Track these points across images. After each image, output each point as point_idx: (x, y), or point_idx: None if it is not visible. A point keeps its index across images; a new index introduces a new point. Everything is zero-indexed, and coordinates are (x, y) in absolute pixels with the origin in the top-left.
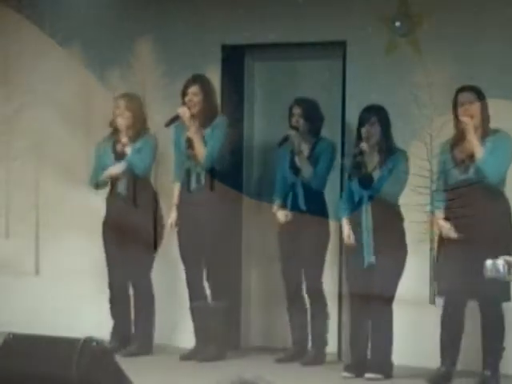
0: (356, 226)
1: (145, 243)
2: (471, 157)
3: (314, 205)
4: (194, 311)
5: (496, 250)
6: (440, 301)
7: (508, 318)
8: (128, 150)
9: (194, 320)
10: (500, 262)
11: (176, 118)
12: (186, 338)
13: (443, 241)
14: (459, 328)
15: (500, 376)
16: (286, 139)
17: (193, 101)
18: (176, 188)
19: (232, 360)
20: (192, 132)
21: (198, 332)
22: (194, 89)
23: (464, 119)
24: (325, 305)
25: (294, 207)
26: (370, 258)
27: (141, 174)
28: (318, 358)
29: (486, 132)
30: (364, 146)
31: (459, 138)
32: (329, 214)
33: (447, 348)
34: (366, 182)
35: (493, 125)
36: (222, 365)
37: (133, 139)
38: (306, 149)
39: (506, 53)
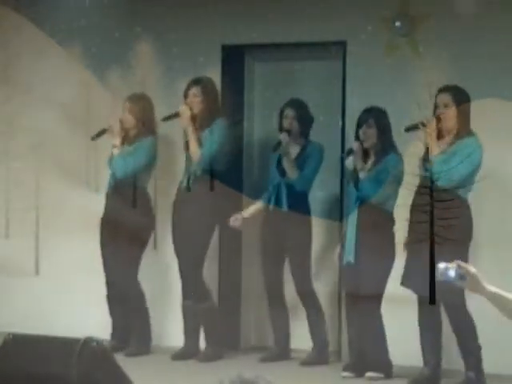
0: (345, 227)
1: (132, 243)
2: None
3: (297, 205)
4: (185, 311)
5: (453, 252)
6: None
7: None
8: (115, 152)
9: (185, 319)
10: (452, 265)
11: (175, 115)
12: (181, 338)
13: (409, 240)
14: (437, 328)
15: (484, 376)
16: (279, 144)
17: (193, 102)
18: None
19: (232, 360)
20: (189, 132)
21: (188, 332)
22: (194, 90)
23: (425, 121)
24: (318, 304)
25: (277, 207)
26: (349, 257)
27: (121, 177)
28: (320, 358)
29: (460, 134)
30: (355, 145)
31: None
32: (311, 215)
33: (428, 349)
34: (357, 183)
35: (491, 125)
36: (222, 365)
37: (132, 141)
38: (295, 151)
39: (504, 53)
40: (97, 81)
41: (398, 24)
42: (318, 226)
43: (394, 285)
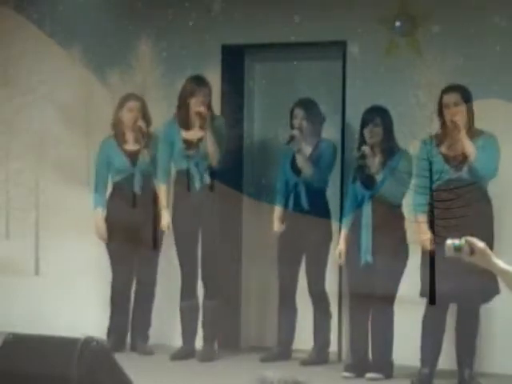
0: (356, 226)
1: (149, 243)
2: (463, 156)
3: (316, 204)
4: (184, 311)
5: None
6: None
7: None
8: (146, 154)
9: (183, 320)
10: (461, 241)
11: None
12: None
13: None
14: (441, 330)
15: (474, 373)
16: (292, 138)
17: (204, 101)
18: (162, 190)
19: (232, 360)
20: (208, 133)
21: (186, 332)
22: (204, 89)
23: (456, 119)
24: (328, 305)
25: (296, 207)
26: (366, 257)
27: (156, 177)
28: (320, 358)
29: (471, 132)
30: (366, 149)
31: (447, 137)
32: (331, 213)
33: (429, 349)
34: (369, 183)
35: (490, 125)
36: (222, 365)
37: (141, 141)
38: (307, 150)
39: (505, 53)
40: (97, 81)
41: (398, 24)
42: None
43: None
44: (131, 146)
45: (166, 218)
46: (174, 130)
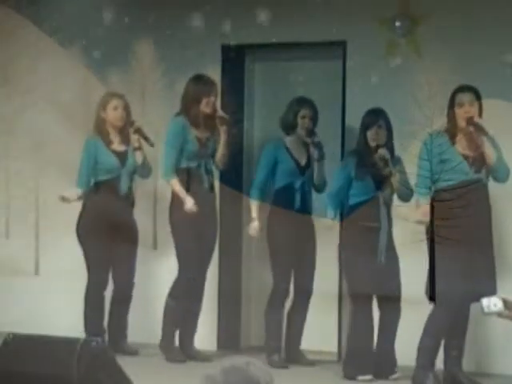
0: (369, 226)
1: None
2: (482, 157)
3: (317, 205)
4: (169, 307)
5: (482, 250)
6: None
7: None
8: (139, 154)
9: (166, 315)
10: (495, 298)
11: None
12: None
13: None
14: (463, 327)
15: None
16: (322, 155)
17: (215, 103)
18: (176, 182)
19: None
20: (224, 134)
21: (167, 328)
22: (215, 89)
23: (475, 119)
24: (308, 303)
25: (303, 208)
26: (382, 257)
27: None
28: (291, 357)
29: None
30: (384, 151)
31: (462, 136)
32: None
33: (430, 350)
34: (382, 184)
35: (490, 125)
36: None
37: (127, 141)
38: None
39: (504, 53)
40: (97, 81)
41: (398, 24)
42: (317, 225)
43: None
44: (118, 146)
45: (190, 201)
46: (185, 129)
